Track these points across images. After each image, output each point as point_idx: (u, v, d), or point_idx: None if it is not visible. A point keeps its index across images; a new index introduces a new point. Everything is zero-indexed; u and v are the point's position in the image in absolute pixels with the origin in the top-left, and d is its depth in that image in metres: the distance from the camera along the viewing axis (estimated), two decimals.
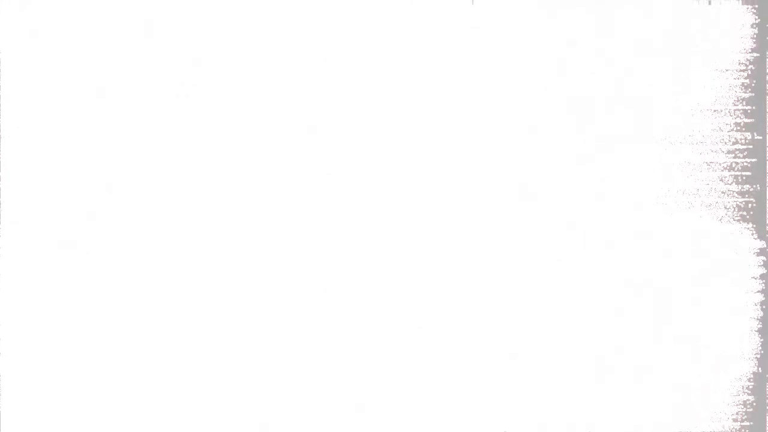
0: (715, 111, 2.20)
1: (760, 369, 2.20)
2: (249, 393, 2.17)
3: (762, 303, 2.20)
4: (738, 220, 2.20)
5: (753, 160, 2.20)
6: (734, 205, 2.20)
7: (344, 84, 2.17)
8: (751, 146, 2.20)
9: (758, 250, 2.20)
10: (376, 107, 2.17)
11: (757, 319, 2.20)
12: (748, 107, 2.20)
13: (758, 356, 2.20)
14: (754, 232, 2.20)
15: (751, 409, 2.20)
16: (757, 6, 2.19)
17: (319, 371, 2.18)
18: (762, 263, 2.19)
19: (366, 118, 2.17)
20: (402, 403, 2.18)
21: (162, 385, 2.17)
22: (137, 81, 2.16)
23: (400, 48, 2.18)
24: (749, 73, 2.20)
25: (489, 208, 2.17)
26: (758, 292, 2.20)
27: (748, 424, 2.20)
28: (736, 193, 2.21)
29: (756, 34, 2.20)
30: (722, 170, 2.20)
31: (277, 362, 2.17)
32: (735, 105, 2.20)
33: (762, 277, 2.19)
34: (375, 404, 2.18)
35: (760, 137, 2.20)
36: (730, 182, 2.21)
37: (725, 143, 2.20)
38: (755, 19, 2.19)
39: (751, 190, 2.20)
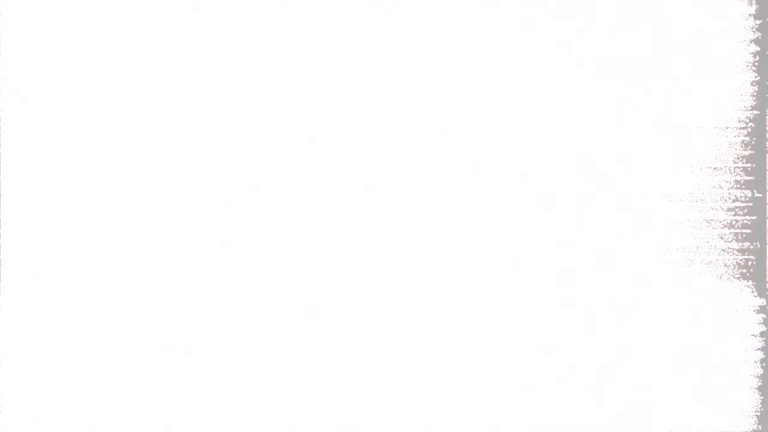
0: (715, 168, 2.20)
1: (759, 426, 2.20)
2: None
3: (762, 360, 2.19)
4: (738, 278, 2.20)
5: (753, 217, 2.20)
6: (734, 263, 2.20)
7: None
8: (751, 204, 2.20)
9: (758, 308, 2.20)
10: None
11: (757, 377, 2.20)
12: (748, 165, 2.20)
13: (758, 414, 2.20)
14: (754, 289, 2.20)
15: None
16: (757, 64, 2.19)
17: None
18: (762, 321, 2.19)
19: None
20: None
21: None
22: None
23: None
24: (749, 130, 2.20)
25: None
26: (758, 349, 2.20)
27: None
28: (736, 250, 2.20)
29: (756, 91, 2.20)
30: (722, 228, 2.20)
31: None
32: (735, 162, 2.20)
33: (762, 334, 2.19)
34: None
35: (760, 195, 2.20)
36: (730, 240, 2.20)
37: (725, 201, 2.20)
38: (755, 77, 2.19)
39: (751, 247, 2.20)
